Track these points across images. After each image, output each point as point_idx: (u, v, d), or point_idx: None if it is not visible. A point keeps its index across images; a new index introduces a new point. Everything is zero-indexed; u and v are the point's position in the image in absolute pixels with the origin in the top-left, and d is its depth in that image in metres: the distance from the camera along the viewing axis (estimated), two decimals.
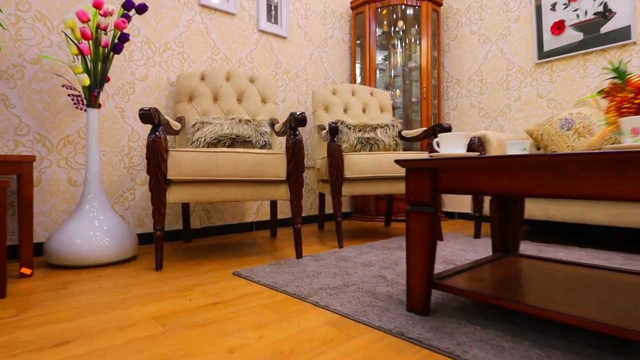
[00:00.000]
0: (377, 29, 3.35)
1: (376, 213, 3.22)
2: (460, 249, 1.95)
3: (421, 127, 3.17)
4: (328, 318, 1.05)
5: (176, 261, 1.79)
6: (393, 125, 2.51)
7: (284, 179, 1.80)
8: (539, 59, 2.82)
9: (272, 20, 2.86)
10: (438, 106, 3.32)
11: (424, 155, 2.16)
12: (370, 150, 2.43)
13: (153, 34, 2.28)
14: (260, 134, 2.12)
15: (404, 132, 2.54)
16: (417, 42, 3.36)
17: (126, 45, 2.18)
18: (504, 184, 0.83)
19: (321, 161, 2.39)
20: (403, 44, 3.44)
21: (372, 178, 2.13)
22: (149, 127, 2.26)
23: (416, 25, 3.36)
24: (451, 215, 3.40)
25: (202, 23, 2.50)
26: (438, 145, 1.06)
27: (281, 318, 1.05)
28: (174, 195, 1.65)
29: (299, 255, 1.78)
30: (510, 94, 2.99)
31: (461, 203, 3.35)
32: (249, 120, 2.14)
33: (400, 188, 2.17)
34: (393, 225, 2.99)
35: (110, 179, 2.12)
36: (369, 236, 2.46)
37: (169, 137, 2.36)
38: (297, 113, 1.72)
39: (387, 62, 3.49)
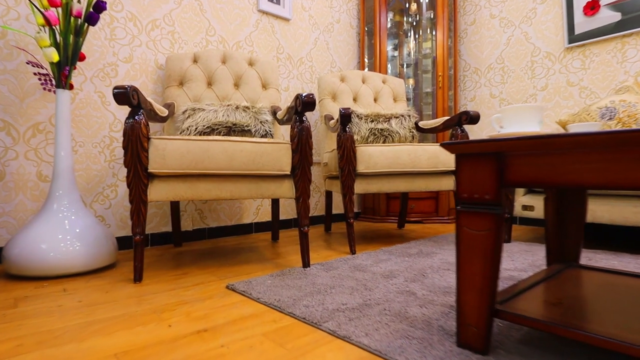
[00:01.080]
0: (388, 14, 3.08)
1: (387, 213, 2.94)
2: None
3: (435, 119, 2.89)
4: (352, 356, 0.77)
5: (161, 270, 1.51)
6: (409, 116, 2.24)
7: (289, 173, 1.52)
8: (570, 43, 2.54)
9: (274, 0, 2.59)
10: (454, 97, 3.04)
11: None
12: (384, 142, 2.16)
13: (139, 9, 2.01)
14: (261, 122, 1.85)
15: (421, 123, 2.27)
16: (432, 28, 3.08)
17: (108, 21, 1.91)
18: (625, 172, 0.55)
19: (329, 154, 2.11)
20: (416, 31, 3.16)
21: (390, 173, 1.85)
22: None
23: (431, 11, 3.08)
24: None
25: None
26: (499, 123, 0.79)
27: (288, 356, 0.78)
28: (157, 193, 1.38)
29: (305, 263, 1.50)
30: (536, 83, 2.72)
31: None
32: (247, 107, 1.86)
33: (422, 185, 1.89)
34: (407, 227, 2.71)
35: (88, 174, 1.85)
36: (382, 240, 2.18)
37: (156, 127, 2.08)
38: (304, 95, 1.45)
39: (397, 50, 3.22)
